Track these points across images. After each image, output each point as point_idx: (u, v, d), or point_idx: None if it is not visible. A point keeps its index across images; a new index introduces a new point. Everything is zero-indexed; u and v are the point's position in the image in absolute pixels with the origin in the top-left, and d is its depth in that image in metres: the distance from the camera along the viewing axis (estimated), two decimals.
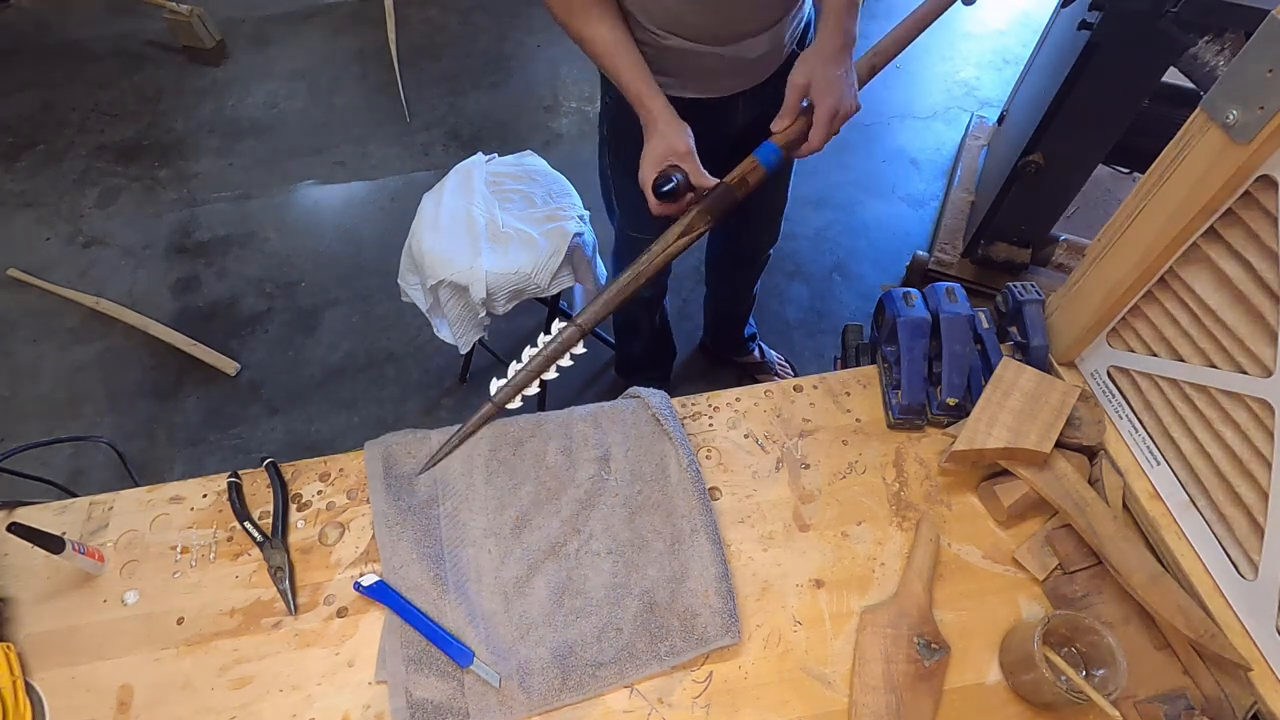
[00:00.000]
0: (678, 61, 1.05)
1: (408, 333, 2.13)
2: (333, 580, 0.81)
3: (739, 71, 1.09)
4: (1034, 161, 1.68)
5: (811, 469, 0.89)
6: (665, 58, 1.04)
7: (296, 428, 1.96)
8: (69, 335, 2.14)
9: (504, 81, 2.84)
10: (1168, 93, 1.54)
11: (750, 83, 1.13)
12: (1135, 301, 0.81)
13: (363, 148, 2.63)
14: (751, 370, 2.01)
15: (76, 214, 2.45)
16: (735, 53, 1.05)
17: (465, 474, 0.85)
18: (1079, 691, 0.66)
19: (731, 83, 1.11)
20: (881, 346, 0.96)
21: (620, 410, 0.90)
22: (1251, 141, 0.61)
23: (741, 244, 1.62)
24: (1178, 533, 0.78)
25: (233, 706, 0.74)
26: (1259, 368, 0.67)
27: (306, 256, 2.33)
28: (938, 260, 2.10)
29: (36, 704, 0.73)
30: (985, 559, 0.83)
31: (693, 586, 0.78)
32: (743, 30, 1.03)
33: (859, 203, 2.45)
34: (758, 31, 1.04)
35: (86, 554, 0.78)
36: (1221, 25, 1.25)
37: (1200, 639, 0.70)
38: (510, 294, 1.49)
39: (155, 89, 2.84)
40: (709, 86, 1.10)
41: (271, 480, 0.86)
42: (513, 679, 0.73)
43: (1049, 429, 0.81)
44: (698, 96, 1.10)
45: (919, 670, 0.73)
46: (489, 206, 1.55)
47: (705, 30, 1.01)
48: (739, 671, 0.76)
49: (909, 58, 1.59)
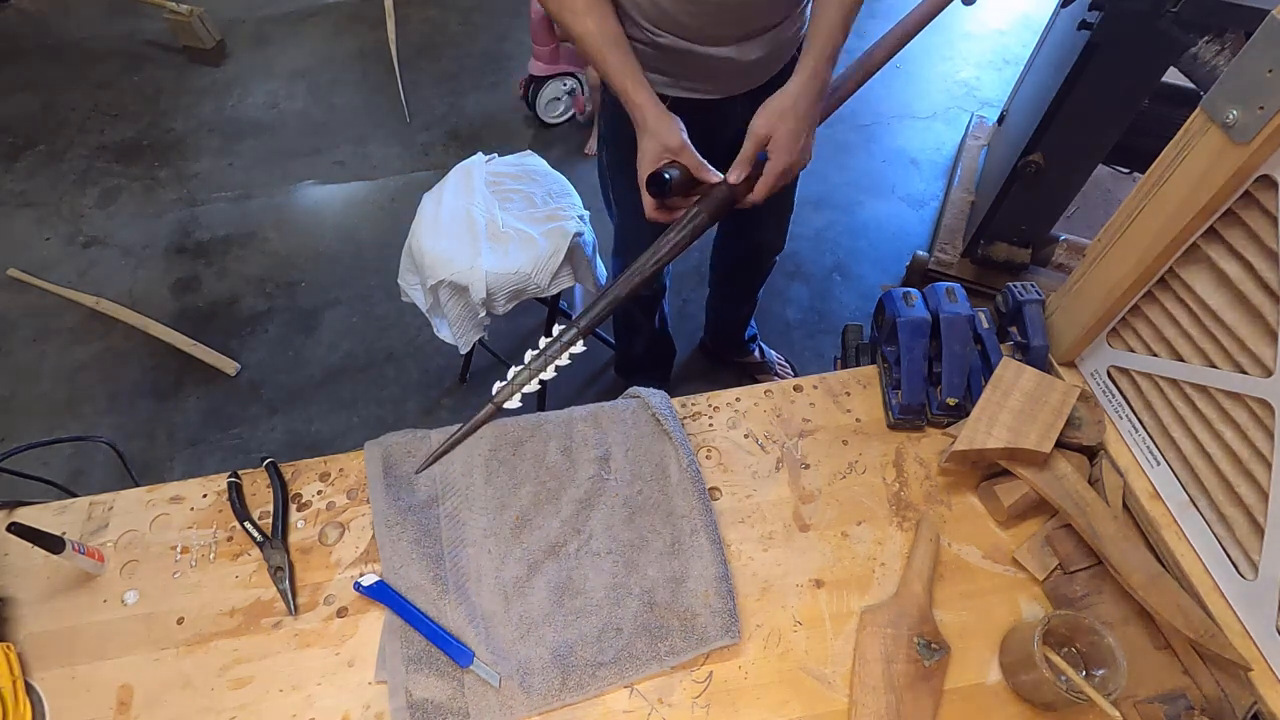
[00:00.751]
0: (672, 60, 1.04)
1: (408, 333, 2.13)
2: (333, 580, 0.81)
3: (735, 73, 1.08)
4: (1034, 161, 1.68)
5: (811, 469, 0.89)
6: (658, 55, 1.03)
7: (296, 428, 1.96)
8: (69, 335, 2.14)
9: (504, 81, 2.84)
10: (1168, 93, 1.54)
11: (747, 85, 1.11)
12: (1135, 301, 0.81)
13: (363, 148, 2.63)
14: (752, 370, 2.01)
15: (76, 214, 2.45)
16: (730, 54, 1.03)
17: (465, 474, 0.85)
18: (1079, 691, 0.66)
19: (727, 84, 1.10)
20: (881, 346, 0.96)
21: (620, 410, 0.90)
22: (1251, 141, 0.61)
23: (747, 247, 1.61)
24: (1178, 533, 0.78)
25: (233, 706, 0.73)
26: (1259, 368, 0.67)
27: (306, 256, 2.33)
28: (938, 260, 2.10)
29: (36, 704, 0.73)
30: (985, 559, 0.83)
31: (693, 586, 0.78)
32: (737, 32, 1.02)
33: (859, 203, 2.45)
34: (753, 35, 1.03)
35: (86, 554, 0.78)
36: (1221, 25, 1.26)
37: (1200, 639, 0.70)
38: (510, 294, 1.49)
39: (155, 89, 2.84)
40: (704, 87, 1.09)
41: (271, 480, 0.86)
42: (513, 679, 0.73)
43: (1049, 429, 0.81)
44: (691, 96, 1.09)
45: (919, 670, 0.73)
46: (489, 206, 1.55)
47: (698, 30, 1.00)
48: (739, 671, 0.76)
49: (909, 58, 1.60)
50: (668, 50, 1.02)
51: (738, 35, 1.02)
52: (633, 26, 1.01)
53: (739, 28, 1.01)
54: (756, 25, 1.02)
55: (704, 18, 0.98)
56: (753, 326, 1.97)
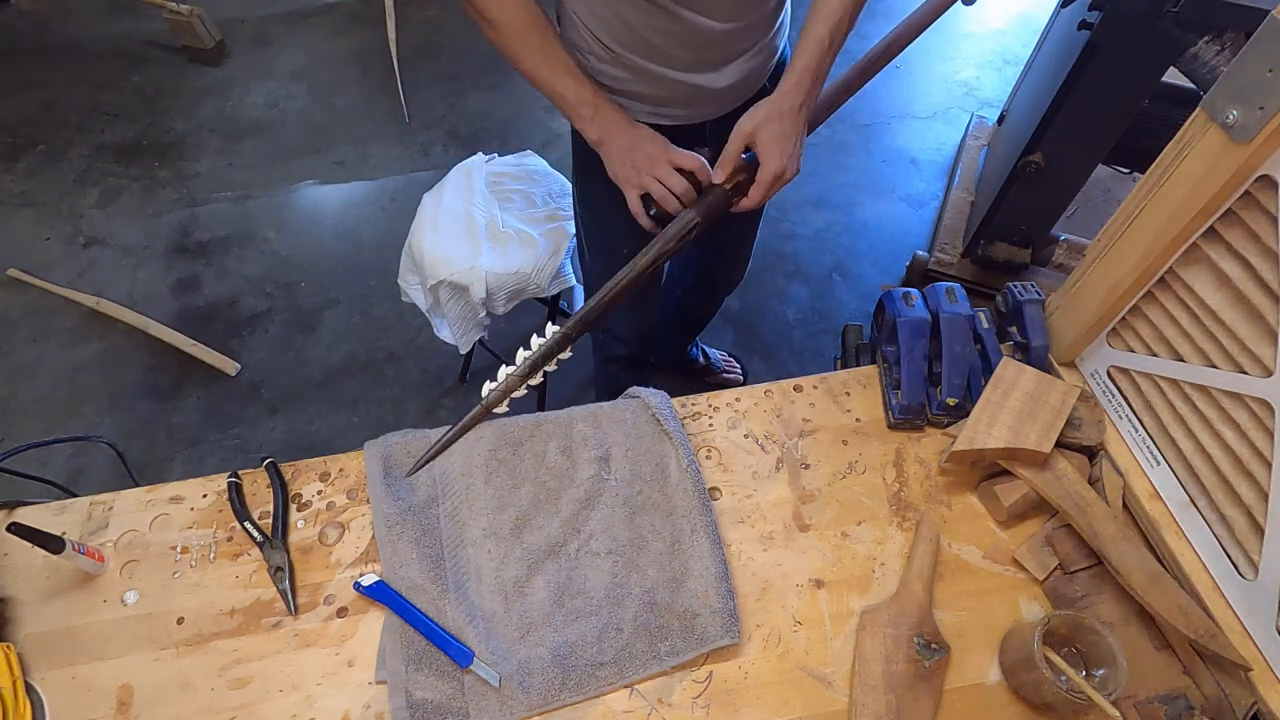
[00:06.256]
0: (642, 84, 0.99)
1: (408, 333, 2.13)
2: (333, 580, 0.81)
3: (706, 100, 1.04)
4: (1034, 161, 1.68)
5: (811, 469, 0.89)
6: (629, 79, 0.99)
7: (296, 428, 1.97)
8: (69, 335, 2.14)
9: (504, 81, 2.84)
10: (1168, 93, 1.54)
11: (718, 111, 1.07)
12: (1135, 301, 0.81)
13: (363, 148, 2.63)
14: (699, 374, 1.99)
15: (76, 214, 2.45)
16: (700, 80, 1.00)
17: (465, 474, 0.85)
18: (1079, 691, 0.66)
19: (698, 110, 1.06)
20: (881, 346, 0.96)
21: (620, 410, 0.90)
22: (1251, 141, 0.61)
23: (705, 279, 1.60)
24: (1178, 533, 0.78)
25: (233, 706, 0.73)
26: (1259, 368, 0.67)
27: (306, 256, 2.33)
28: (938, 260, 2.10)
29: (36, 704, 0.73)
30: (985, 559, 0.83)
31: (693, 586, 0.78)
32: (708, 55, 0.98)
33: (859, 203, 2.45)
34: (725, 60, 0.99)
35: (86, 554, 0.78)
36: (1221, 25, 1.25)
37: (1200, 639, 0.70)
38: (510, 294, 1.49)
39: (155, 89, 2.84)
40: (673, 113, 1.04)
41: (271, 480, 0.86)
42: (513, 679, 0.73)
43: (1049, 429, 0.81)
44: (660, 122, 1.03)
45: (919, 670, 0.73)
46: (489, 206, 1.55)
47: (668, 53, 0.95)
48: (739, 671, 0.76)
49: (909, 58, 1.59)
50: (636, 72, 0.98)
51: (709, 59, 0.99)
52: (601, 49, 0.97)
53: (711, 50, 0.97)
54: (728, 50, 0.99)
55: (675, 40, 0.94)
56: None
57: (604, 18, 0.93)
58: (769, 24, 1.02)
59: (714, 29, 0.93)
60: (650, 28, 0.92)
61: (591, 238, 1.28)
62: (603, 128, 0.94)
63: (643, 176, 0.94)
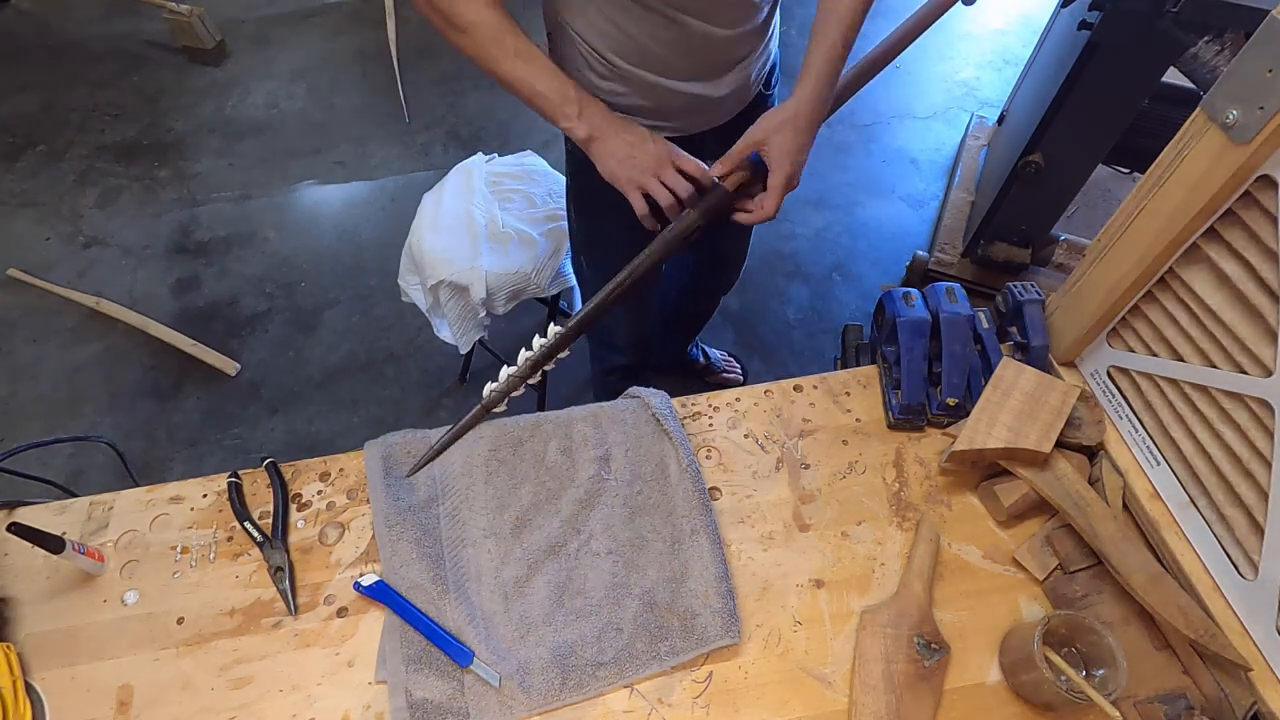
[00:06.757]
0: (640, 95, 0.99)
1: (408, 333, 2.13)
2: (333, 580, 0.81)
3: (704, 109, 1.04)
4: (1034, 161, 1.68)
5: (811, 469, 0.89)
6: (628, 91, 0.98)
7: (296, 428, 1.97)
8: (69, 335, 2.14)
9: None
10: (1168, 93, 1.54)
11: (714, 122, 1.07)
12: (1135, 301, 0.81)
13: (363, 148, 2.63)
14: (699, 374, 2.00)
15: (76, 214, 2.45)
16: (699, 89, 0.99)
17: (465, 474, 0.85)
18: (1079, 691, 0.66)
19: (696, 120, 1.06)
20: (881, 346, 0.96)
21: (620, 410, 0.90)
22: (1251, 142, 0.61)
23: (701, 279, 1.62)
24: (1178, 533, 0.78)
25: (233, 706, 0.74)
26: (1259, 368, 0.67)
27: (306, 256, 2.33)
28: (938, 260, 2.10)
29: (36, 704, 0.73)
30: (985, 559, 0.83)
31: (693, 586, 0.78)
32: (707, 63, 0.97)
33: (859, 203, 2.45)
34: (723, 69, 0.99)
35: (86, 554, 0.78)
36: (1221, 25, 1.25)
37: (1200, 639, 0.70)
38: (510, 294, 1.49)
39: (155, 89, 2.84)
40: (671, 124, 1.04)
41: (271, 480, 0.86)
42: (513, 679, 0.73)
43: (1049, 429, 0.81)
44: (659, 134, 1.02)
45: (919, 670, 0.73)
46: (489, 206, 1.55)
47: (668, 63, 0.95)
48: (739, 671, 0.76)
49: (909, 58, 1.59)
50: (636, 85, 0.97)
51: (709, 67, 0.98)
52: (600, 63, 0.96)
53: (713, 57, 0.97)
54: (728, 57, 0.99)
55: (677, 49, 0.93)
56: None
57: (604, 30, 0.92)
58: (765, 29, 1.02)
59: (717, 35, 0.93)
60: (652, 37, 0.91)
61: (585, 237, 1.28)
62: (592, 125, 0.92)
63: (645, 177, 0.94)
